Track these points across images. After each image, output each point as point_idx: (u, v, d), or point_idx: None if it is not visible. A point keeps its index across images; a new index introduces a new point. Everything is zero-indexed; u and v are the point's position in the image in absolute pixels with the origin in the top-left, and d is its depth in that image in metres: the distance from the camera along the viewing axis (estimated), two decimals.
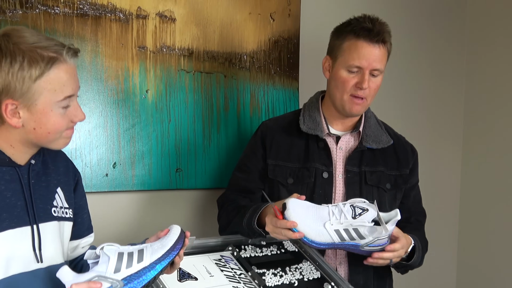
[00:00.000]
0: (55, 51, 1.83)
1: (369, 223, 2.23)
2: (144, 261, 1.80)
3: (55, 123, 1.87)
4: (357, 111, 2.59)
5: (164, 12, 2.97)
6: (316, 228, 2.22)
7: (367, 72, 2.51)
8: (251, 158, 2.72)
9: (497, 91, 4.20)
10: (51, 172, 2.06)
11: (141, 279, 1.78)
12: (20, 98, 1.80)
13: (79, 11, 2.75)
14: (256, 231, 2.42)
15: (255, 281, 2.33)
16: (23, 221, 1.89)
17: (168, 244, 1.86)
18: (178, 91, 3.02)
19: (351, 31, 2.54)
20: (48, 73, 1.81)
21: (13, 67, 1.77)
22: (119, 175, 2.87)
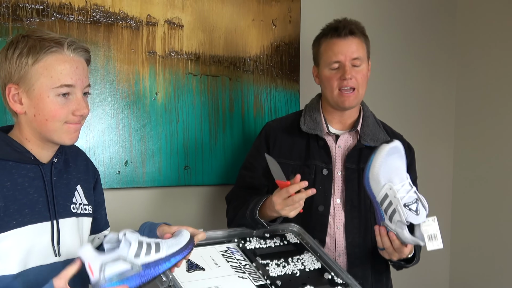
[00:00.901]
0: (57, 42, 1.85)
1: (406, 221, 2.24)
2: (161, 252, 1.80)
3: (51, 110, 1.85)
4: (350, 103, 2.60)
5: (172, 19, 2.97)
6: (380, 179, 2.25)
7: (348, 64, 2.56)
8: (256, 156, 2.73)
9: (487, 91, 4.19)
10: (72, 171, 2.06)
11: (157, 267, 1.79)
12: (20, 82, 1.83)
13: (92, 19, 2.75)
14: (258, 222, 2.43)
15: (259, 271, 2.32)
16: (44, 216, 1.89)
17: (182, 243, 1.86)
18: (186, 93, 3.02)
19: (323, 35, 2.65)
20: (45, 59, 1.83)
21: (15, 53, 1.81)
22: (130, 173, 2.87)
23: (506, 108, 4.08)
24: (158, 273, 1.80)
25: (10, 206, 1.81)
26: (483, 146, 4.21)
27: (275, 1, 3.31)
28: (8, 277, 1.80)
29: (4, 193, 1.81)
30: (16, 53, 1.81)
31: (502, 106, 4.10)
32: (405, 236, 2.27)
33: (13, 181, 1.84)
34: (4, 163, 1.85)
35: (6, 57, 1.82)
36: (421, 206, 2.26)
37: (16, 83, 1.82)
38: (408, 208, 2.23)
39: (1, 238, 1.79)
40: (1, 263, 1.80)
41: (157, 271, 1.79)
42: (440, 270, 4.44)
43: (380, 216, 2.31)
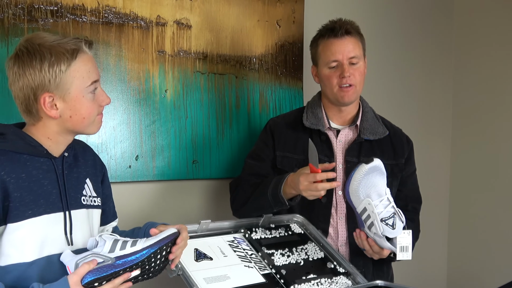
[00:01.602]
0: (75, 43, 1.87)
1: (382, 234, 2.29)
2: (136, 246, 1.85)
3: (87, 108, 1.90)
4: (349, 98, 2.62)
5: (181, 20, 2.96)
6: (359, 194, 2.27)
7: (345, 62, 2.57)
8: (264, 148, 2.74)
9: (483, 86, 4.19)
10: (81, 165, 2.06)
11: (132, 258, 1.82)
12: (55, 90, 1.83)
13: (104, 20, 2.74)
14: (280, 200, 2.43)
15: (264, 260, 2.32)
16: (57, 207, 1.90)
17: (160, 236, 1.90)
18: (194, 91, 3.01)
19: (320, 36, 2.67)
20: (75, 63, 1.85)
21: (44, 64, 1.81)
22: (141, 167, 2.86)
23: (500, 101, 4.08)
24: (132, 262, 1.82)
25: (26, 196, 1.82)
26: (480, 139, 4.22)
27: (280, 2, 3.31)
28: (24, 265, 1.81)
29: (19, 184, 1.81)
30: (45, 63, 1.80)
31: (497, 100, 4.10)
32: (383, 244, 2.33)
33: (28, 173, 1.85)
34: (19, 156, 1.85)
35: (33, 68, 1.80)
36: (398, 220, 2.30)
37: (51, 91, 1.83)
38: (385, 223, 2.27)
39: (17, 227, 1.80)
40: (17, 251, 1.81)
41: (131, 262, 1.82)
42: (438, 259, 4.43)
43: (361, 223, 2.34)
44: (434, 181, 4.25)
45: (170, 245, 1.93)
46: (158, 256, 1.89)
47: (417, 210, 2.78)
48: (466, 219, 4.33)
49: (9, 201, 1.78)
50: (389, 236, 2.29)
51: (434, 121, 4.32)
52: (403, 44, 4.07)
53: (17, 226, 1.79)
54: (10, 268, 1.80)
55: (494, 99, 4.13)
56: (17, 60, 1.83)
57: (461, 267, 4.37)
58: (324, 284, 2.27)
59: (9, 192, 1.78)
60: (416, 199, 2.79)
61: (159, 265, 1.92)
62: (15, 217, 1.79)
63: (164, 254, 1.91)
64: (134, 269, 1.83)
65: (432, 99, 4.29)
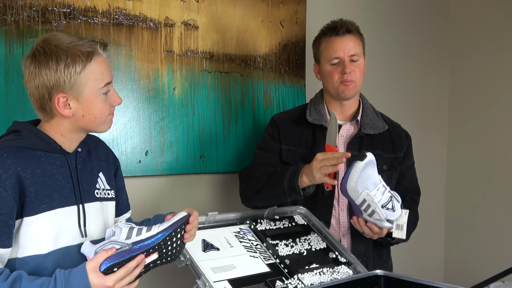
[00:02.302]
0: (90, 46, 1.86)
1: (386, 219, 2.29)
2: (152, 231, 1.85)
3: (99, 108, 1.90)
4: (350, 92, 2.62)
5: (189, 21, 2.96)
6: (358, 189, 2.24)
7: (346, 59, 2.59)
8: (271, 141, 2.74)
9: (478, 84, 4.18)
10: (94, 159, 2.06)
11: (148, 242, 1.82)
12: (70, 91, 1.83)
13: (115, 21, 2.73)
14: (296, 189, 2.41)
15: (269, 251, 2.32)
16: (71, 201, 1.90)
17: (173, 220, 1.90)
18: (201, 89, 3.01)
19: (322, 35, 2.68)
20: (90, 65, 1.84)
21: (60, 65, 1.80)
22: (150, 162, 2.86)
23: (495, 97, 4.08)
24: (149, 246, 1.82)
25: (41, 191, 1.82)
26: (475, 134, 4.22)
27: (283, 4, 3.31)
28: (40, 256, 1.81)
29: (34, 179, 1.81)
30: (61, 64, 1.80)
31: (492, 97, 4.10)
32: (383, 225, 2.32)
33: (43, 168, 1.85)
34: (34, 152, 1.85)
35: (49, 68, 1.80)
36: (395, 201, 2.29)
37: (65, 92, 1.82)
38: (386, 208, 2.26)
39: (33, 220, 1.80)
40: (33, 243, 1.81)
41: (147, 246, 1.82)
42: (435, 250, 4.43)
43: (358, 211, 2.32)
44: (431, 175, 4.25)
45: (184, 226, 1.93)
46: (174, 238, 1.89)
47: (415, 201, 2.77)
48: (462, 212, 4.34)
49: (25, 196, 1.78)
50: (392, 218, 2.29)
51: (431, 117, 4.32)
52: (401, 44, 4.06)
53: (33, 219, 1.80)
54: (27, 260, 1.81)
55: (489, 96, 4.13)
56: (33, 59, 1.82)
57: (458, 257, 4.37)
58: (326, 274, 2.27)
59: (24, 187, 1.78)
60: (414, 191, 2.78)
61: (175, 248, 1.92)
62: (31, 211, 1.79)
63: (179, 237, 1.91)
64: (152, 253, 1.83)
65: (429, 96, 4.29)
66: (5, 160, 1.78)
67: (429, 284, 2.09)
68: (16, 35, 2.46)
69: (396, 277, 2.20)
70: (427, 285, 2.09)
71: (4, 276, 1.69)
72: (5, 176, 1.75)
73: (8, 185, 1.75)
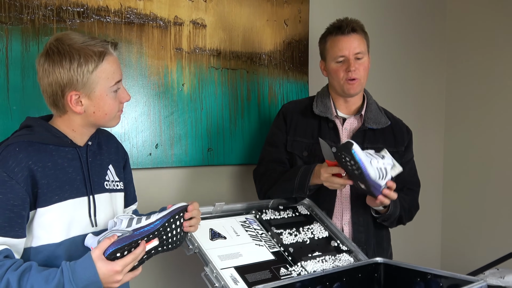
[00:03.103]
0: (102, 46, 1.86)
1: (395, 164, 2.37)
2: (151, 218, 1.86)
3: (110, 105, 1.90)
4: (355, 90, 2.62)
5: (197, 20, 2.94)
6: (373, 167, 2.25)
7: (351, 57, 2.58)
8: (277, 133, 2.74)
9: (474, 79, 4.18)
10: (104, 152, 2.05)
11: (147, 228, 1.83)
12: (82, 89, 1.82)
13: (126, 20, 2.72)
14: (305, 188, 2.45)
15: (274, 239, 2.32)
16: (82, 192, 1.90)
17: (170, 209, 1.92)
18: (209, 85, 3.00)
19: (328, 33, 2.66)
20: (101, 65, 1.84)
21: (73, 64, 1.79)
22: (160, 154, 2.85)
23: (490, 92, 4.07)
24: (149, 232, 1.83)
25: (52, 183, 1.82)
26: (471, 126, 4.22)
27: (287, 3, 3.29)
28: (53, 245, 1.82)
29: (46, 172, 1.81)
30: (74, 64, 1.79)
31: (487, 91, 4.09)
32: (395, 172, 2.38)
33: (54, 162, 1.85)
34: (45, 146, 1.85)
35: (63, 67, 1.79)
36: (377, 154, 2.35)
37: (78, 90, 1.82)
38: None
39: (45, 211, 1.81)
40: (47, 233, 1.82)
41: (147, 231, 1.83)
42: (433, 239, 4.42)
43: (378, 187, 2.30)
44: (429, 167, 4.24)
45: (182, 214, 1.94)
46: (173, 225, 1.90)
47: (415, 191, 2.77)
48: (458, 203, 4.33)
49: (37, 188, 1.79)
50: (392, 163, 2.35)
51: (428, 112, 4.30)
52: (400, 42, 4.05)
53: (46, 210, 1.80)
54: (41, 249, 1.82)
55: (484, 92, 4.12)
56: (47, 58, 1.81)
57: (454, 246, 4.36)
58: (328, 261, 2.27)
59: (37, 179, 1.79)
60: (414, 182, 2.78)
61: (175, 235, 1.92)
62: (44, 202, 1.80)
63: (178, 224, 1.92)
64: (152, 239, 1.84)
65: (426, 93, 4.28)
66: (17, 154, 1.78)
67: (427, 271, 2.10)
68: (32, 33, 2.45)
69: (395, 265, 2.21)
70: (425, 272, 2.10)
71: (16, 266, 1.70)
72: (17, 169, 1.75)
73: (20, 178, 1.75)
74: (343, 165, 2.25)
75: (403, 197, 2.61)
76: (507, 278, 2.83)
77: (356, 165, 2.19)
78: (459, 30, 4.27)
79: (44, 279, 1.69)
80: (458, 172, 4.32)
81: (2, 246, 1.73)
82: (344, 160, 2.22)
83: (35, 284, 1.68)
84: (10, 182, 1.74)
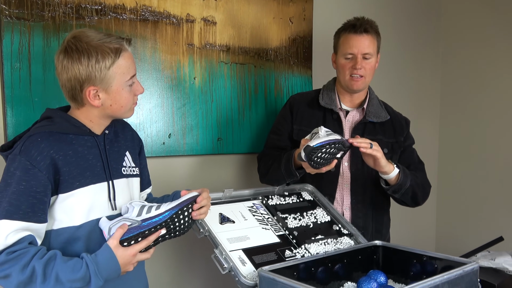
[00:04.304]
0: (117, 43, 1.85)
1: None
2: (160, 209, 1.87)
3: (125, 99, 1.90)
4: (358, 87, 2.61)
5: (207, 17, 2.93)
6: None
7: (359, 56, 2.56)
8: (283, 123, 2.73)
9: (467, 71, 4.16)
10: (121, 140, 2.05)
11: (155, 219, 1.84)
12: (99, 84, 1.82)
13: (141, 17, 2.71)
14: (292, 172, 2.43)
15: (279, 223, 2.31)
16: (101, 178, 1.90)
17: (181, 200, 1.91)
18: (218, 78, 2.98)
19: (343, 30, 2.63)
20: (118, 61, 1.84)
21: (91, 61, 1.79)
22: (173, 143, 2.84)
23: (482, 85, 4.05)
24: (156, 223, 1.84)
25: (73, 170, 1.82)
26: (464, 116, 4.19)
27: (292, 2, 3.27)
28: (73, 228, 1.83)
29: (67, 160, 1.81)
30: (92, 60, 1.79)
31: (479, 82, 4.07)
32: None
33: (74, 150, 1.85)
34: (65, 136, 1.85)
35: (81, 64, 1.79)
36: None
37: (96, 85, 1.82)
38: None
39: (67, 196, 1.81)
40: (68, 216, 1.82)
41: (155, 223, 1.84)
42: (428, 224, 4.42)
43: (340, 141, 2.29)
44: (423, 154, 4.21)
45: (191, 206, 1.93)
46: (180, 216, 1.90)
47: (420, 169, 2.73)
48: (452, 189, 4.32)
49: (59, 175, 1.79)
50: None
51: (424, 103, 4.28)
52: (398, 36, 4.03)
53: (67, 195, 1.81)
54: (61, 231, 1.82)
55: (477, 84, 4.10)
56: (66, 55, 1.81)
57: (448, 230, 4.36)
58: (330, 244, 2.27)
59: (58, 167, 1.79)
60: (418, 163, 2.75)
61: (183, 224, 1.92)
62: (65, 188, 1.80)
63: (186, 215, 1.92)
64: (159, 229, 1.85)
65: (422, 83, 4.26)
66: (39, 144, 1.78)
67: (423, 254, 2.09)
68: (52, 30, 2.44)
69: (393, 247, 2.20)
70: (421, 254, 2.09)
71: (41, 254, 1.71)
72: (39, 158, 1.75)
73: (43, 166, 1.75)
74: (319, 161, 2.26)
75: (414, 174, 2.60)
76: (497, 260, 2.82)
77: (321, 149, 2.21)
78: (455, 23, 4.25)
79: (69, 269, 1.71)
80: (452, 161, 4.31)
81: (25, 232, 1.73)
82: (316, 157, 2.23)
83: (60, 273, 1.70)
84: (33, 170, 1.74)
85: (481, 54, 4.06)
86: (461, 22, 4.20)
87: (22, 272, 1.67)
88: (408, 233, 4.12)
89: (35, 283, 1.68)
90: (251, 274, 1.97)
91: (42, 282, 1.68)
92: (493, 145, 4.01)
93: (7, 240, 1.69)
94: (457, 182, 4.27)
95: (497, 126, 3.98)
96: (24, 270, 1.67)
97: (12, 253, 1.68)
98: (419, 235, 4.30)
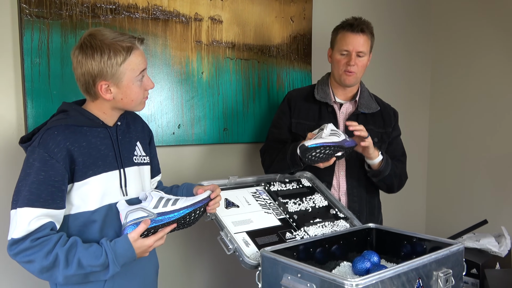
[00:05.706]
0: (130, 41, 1.84)
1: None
2: (176, 205, 1.88)
3: (136, 93, 1.89)
4: (350, 82, 2.60)
5: (214, 16, 2.91)
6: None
7: (353, 53, 2.54)
8: (282, 117, 2.72)
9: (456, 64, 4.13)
10: (132, 131, 2.05)
11: (170, 215, 1.86)
12: (111, 79, 1.82)
13: (153, 16, 2.69)
14: (297, 162, 2.41)
15: (280, 208, 2.31)
16: (113, 166, 1.90)
17: (195, 199, 1.92)
18: (224, 73, 2.97)
19: (341, 27, 2.61)
20: (129, 58, 1.83)
21: (103, 57, 1.79)
22: (182, 133, 2.83)
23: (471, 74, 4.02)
24: (170, 219, 1.86)
25: (87, 160, 1.83)
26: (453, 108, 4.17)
27: (293, 2, 3.25)
28: (88, 213, 1.84)
29: (81, 150, 1.82)
30: (105, 57, 1.78)
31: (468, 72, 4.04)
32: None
33: (88, 141, 1.85)
34: (80, 128, 1.85)
35: (95, 60, 1.78)
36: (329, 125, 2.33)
37: (107, 80, 1.81)
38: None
39: (82, 184, 1.82)
40: (83, 202, 1.83)
41: (169, 219, 1.86)
42: (418, 206, 4.41)
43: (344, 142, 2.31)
44: (414, 144, 4.21)
45: (203, 206, 1.95)
46: (192, 214, 1.91)
47: (402, 161, 2.73)
48: (440, 175, 4.31)
49: (74, 165, 1.80)
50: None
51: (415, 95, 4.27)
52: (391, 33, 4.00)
53: (82, 183, 1.82)
54: (78, 216, 1.84)
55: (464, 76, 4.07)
56: (81, 51, 1.80)
57: (437, 213, 4.35)
58: (327, 227, 2.27)
59: (74, 158, 1.79)
60: (401, 154, 2.74)
61: (194, 219, 1.95)
62: (80, 177, 1.81)
63: (198, 212, 1.93)
64: (172, 224, 1.87)
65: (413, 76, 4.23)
66: (56, 137, 1.78)
67: (413, 235, 2.10)
68: (70, 27, 2.43)
69: (385, 229, 2.21)
70: (411, 236, 2.11)
71: (63, 241, 1.74)
72: (56, 150, 1.76)
73: (60, 157, 1.76)
74: (313, 159, 2.27)
75: (395, 164, 2.61)
76: (481, 241, 2.84)
77: (316, 150, 2.21)
78: (446, 20, 4.22)
79: (91, 255, 1.75)
80: (441, 151, 4.29)
81: (46, 219, 1.74)
82: (310, 156, 2.23)
83: (82, 259, 1.73)
84: (51, 161, 1.75)
85: (470, 49, 4.03)
86: (451, 19, 4.17)
87: (46, 258, 1.70)
88: (400, 217, 4.12)
89: (58, 268, 1.71)
90: (254, 254, 1.97)
91: (65, 267, 1.71)
92: (478, 137, 4.00)
93: (29, 226, 1.70)
94: (446, 170, 4.26)
95: (483, 118, 3.96)
96: (48, 256, 1.70)
97: (36, 240, 1.70)
98: (410, 219, 4.30)
